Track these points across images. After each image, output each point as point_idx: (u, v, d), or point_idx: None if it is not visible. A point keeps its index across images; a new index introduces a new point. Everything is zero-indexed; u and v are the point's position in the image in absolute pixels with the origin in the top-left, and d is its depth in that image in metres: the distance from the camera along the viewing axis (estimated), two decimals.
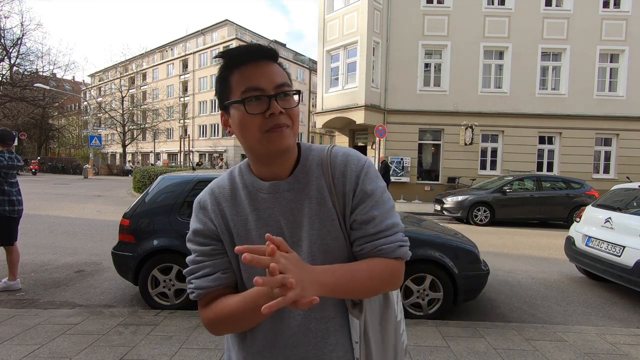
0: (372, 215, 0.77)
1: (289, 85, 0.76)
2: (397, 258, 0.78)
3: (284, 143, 0.73)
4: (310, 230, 0.77)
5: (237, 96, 0.74)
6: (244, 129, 0.75)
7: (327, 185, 0.79)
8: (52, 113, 38.10)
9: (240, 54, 0.74)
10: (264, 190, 0.80)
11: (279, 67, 0.77)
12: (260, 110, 0.72)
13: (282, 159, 0.78)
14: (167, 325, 3.03)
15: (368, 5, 13.88)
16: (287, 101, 0.75)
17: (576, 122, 15.00)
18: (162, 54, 49.24)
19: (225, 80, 0.76)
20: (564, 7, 15.00)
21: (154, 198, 3.67)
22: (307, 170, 0.81)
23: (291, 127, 0.75)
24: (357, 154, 0.83)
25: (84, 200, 12.46)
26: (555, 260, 6.07)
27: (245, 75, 0.73)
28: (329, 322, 0.78)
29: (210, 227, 0.81)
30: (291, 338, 0.77)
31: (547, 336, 3.06)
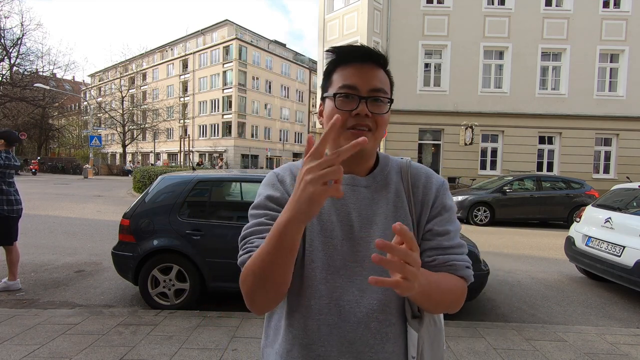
0: (447, 229, 0.78)
1: (386, 93, 0.77)
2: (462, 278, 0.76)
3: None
4: (384, 230, 0.77)
5: (334, 90, 0.77)
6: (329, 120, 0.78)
7: (406, 191, 0.81)
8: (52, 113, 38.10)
9: (349, 53, 0.78)
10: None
11: (383, 74, 0.79)
12: (348, 108, 0.75)
13: (358, 159, 0.79)
14: (167, 325, 3.03)
15: (368, 5, 13.88)
16: (377, 106, 0.76)
17: (576, 122, 15.00)
18: (162, 54, 49.25)
19: (329, 74, 0.80)
20: (564, 7, 15.00)
21: (154, 198, 3.66)
22: (386, 174, 0.83)
23: (373, 132, 0.76)
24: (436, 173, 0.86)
25: (84, 200, 12.46)
26: (555, 260, 6.07)
27: (347, 73, 0.76)
28: (390, 328, 0.76)
29: (286, 198, 0.78)
30: (349, 334, 0.74)
31: (547, 336, 3.06)
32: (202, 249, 3.43)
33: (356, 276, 0.74)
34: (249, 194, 4.45)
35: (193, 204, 3.70)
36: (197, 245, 3.43)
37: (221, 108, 40.94)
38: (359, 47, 0.77)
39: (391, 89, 0.82)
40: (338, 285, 0.74)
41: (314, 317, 0.75)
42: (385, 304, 0.75)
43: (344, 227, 0.77)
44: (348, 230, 0.76)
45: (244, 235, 0.76)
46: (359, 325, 0.74)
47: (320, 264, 0.75)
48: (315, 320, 0.74)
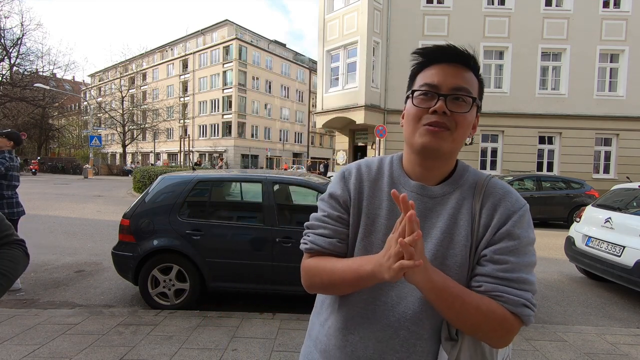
0: (506, 259, 0.71)
1: (469, 92, 0.74)
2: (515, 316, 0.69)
3: (437, 143, 0.73)
4: (437, 245, 0.74)
5: (415, 87, 0.76)
6: (407, 120, 0.77)
7: (473, 209, 0.76)
8: (52, 113, 38.09)
9: (435, 52, 0.76)
10: (408, 187, 0.79)
11: (471, 75, 0.76)
12: (425, 105, 0.74)
13: (433, 161, 0.77)
14: (167, 325, 3.03)
15: (368, 5, 13.88)
16: (458, 105, 0.74)
17: (576, 122, 15.00)
18: (162, 54, 49.25)
19: (414, 75, 0.79)
20: (564, 7, 14.99)
21: (154, 198, 3.66)
22: (458, 186, 0.79)
23: (452, 132, 0.73)
24: (518, 194, 0.78)
25: (84, 200, 12.46)
26: (555, 260, 6.07)
27: (430, 73, 0.75)
28: (419, 341, 0.74)
29: (346, 196, 0.82)
30: (379, 333, 0.76)
31: (547, 336, 3.06)
32: (202, 249, 3.42)
33: (399, 282, 0.74)
34: (249, 194, 4.46)
35: (193, 204, 3.70)
36: (197, 245, 3.42)
37: (221, 108, 40.94)
38: (447, 46, 0.75)
39: (481, 93, 0.79)
40: (380, 286, 0.76)
41: (353, 307, 0.79)
42: (418, 317, 0.74)
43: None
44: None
45: (308, 225, 0.86)
46: (389, 329, 0.75)
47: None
48: (353, 310, 0.79)
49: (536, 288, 0.72)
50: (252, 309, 3.59)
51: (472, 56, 0.76)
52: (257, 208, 3.64)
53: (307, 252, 0.83)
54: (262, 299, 3.93)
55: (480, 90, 0.79)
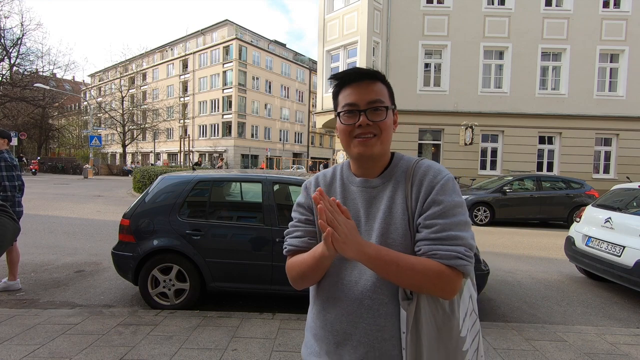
0: (435, 222, 0.85)
1: (382, 102, 0.91)
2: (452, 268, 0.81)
3: (368, 150, 0.91)
4: (381, 223, 0.90)
5: (339, 109, 0.93)
6: (341, 135, 0.94)
7: (406, 189, 0.91)
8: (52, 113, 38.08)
9: (346, 77, 0.93)
10: (354, 184, 0.98)
11: (380, 85, 0.93)
12: (351, 122, 0.91)
13: (370, 162, 0.94)
14: (167, 325, 3.03)
15: (368, 5, 13.88)
16: (376, 114, 0.90)
17: (576, 122, 15.00)
18: (162, 54, 49.23)
19: (336, 96, 0.96)
20: (564, 7, 14.99)
21: (154, 198, 3.66)
22: (393, 174, 0.95)
23: (378, 136, 0.91)
24: (440, 167, 0.93)
25: (84, 200, 12.46)
26: (555, 260, 6.07)
27: (347, 93, 0.92)
28: (381, 306, 0.88)
29: (308, 202, 1.01)
30: (349, 307, 0.91)
31: (547, 336, 3.06)
32: (202, 249, 3.42)
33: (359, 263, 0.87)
34: (249, 194, 4.45)
35: (193, 204, 3.70)
36: (197, 245, 3.42)
37: (221, 108, 40.93)
38: (354, 69, 0.92)
39: (392, 96, 0.96)
40: (344, 268, 0.93)
41: (325, 291, 0.96)
42: (377, 286, 0.88)
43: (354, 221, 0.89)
44: (357, 224, 0.90)
45: (285, 232, 1.03)
46: (355, 301, 0.90)
47: None
48: (326, 293, 0.96)
49: (470, 242, 0.84)
50: (252, 309, 3.59)
51: (375, 71, 0.93)
52: (257, 208, 3.64)
53: (287, 254, 1.00)
54: (262, 299, 3.93)
55: (390, 94, 0.95)
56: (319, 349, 0.97)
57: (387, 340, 0.87)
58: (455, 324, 0.87)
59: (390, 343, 0.87)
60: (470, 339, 0.93)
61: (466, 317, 0.91)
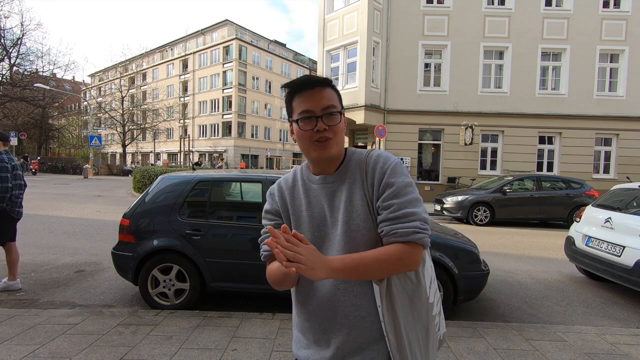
0: (391, 202, 0.93)
1: (335, 107, 0.98)
2: (412, 243, 0.90)
3: (328, 152, 0.98)
4: (344, 213, 0.98)
5: (296, 116, 0.99)
6: (300, 140, 1.00)
7: (361, 179, 0.99)
8: (52, 113, 38.06)
9: (299, 84, 0.99)
10: (314, 182, 1.05)
11: (330, 90, 0.99)
12: (310, 127, 0.97)
13: (328, 162, 1.01)
14: (167, 325, 3.03)
15: (368, 5, 13.88)
16: (331, 119, 0.97)
17: (576, 122, 15.00)
18: (162, 54, 49.22)
19: (289, 103, 1.02)
20: (564, 7, 14.99)
21: (154, 198, 3.66)
22: (348, 168, 1.02)
23: (334, 139, 0.98)
24: (388, 154, 1.02)
25: (84, 200, 12.46)
26: (555, 260, 6.07)
27: (301, 100, 0.98)
28: (355, 287, 0.96)
29: (275, 207, 1.09)
30: (327, 293, 0.98)
31: (547, 336, 3.06)
32: (202, 249, 3.43)
33: (327, 251, 0.98)
34: (249, 194, 4.45)
35: (193, 204, 3.70)
36: (197, 246, 3.42)
37: (221, 108, 40.92)
38: (305, 77, 0.98)
39: (340, 100, 1.02)
40: None
41: (303, 286, 1.03)
42: None
43: (320, 217, 1.02)
44: (323, 219, 1.01)
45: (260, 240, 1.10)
46: (332, 288, 0.97)
47: None
48: (305, 287, 1.03)
49: (424, 216, 0.93)
50: (252, 309, 3.59)
51: (325, 78, 1.00)
52: (257, 208, 3.64)
53: (265, 260, 1.07)
54: (262, 299, 3.93)
55: (339, 98, 1.02)
56: (307, 340, 1.04)
57: (365, 317, 0.95)
58: (423, 291, 0.99)
59: (368, 319, 0.95)
60: (436, 303, 1.06)
61: (431, 283, 1.04)
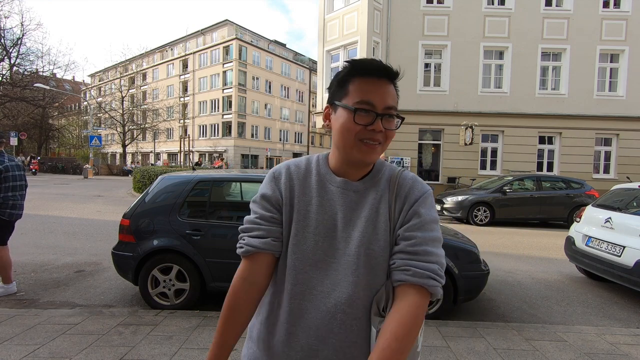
0: (414, 234, 0.81)
1: (396, 109, 0.84)
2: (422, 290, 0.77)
3: (371, 157, 0.83)
4: (362, 232, 0.83)
5: (351, 103, 0.81)
6: (345, 131, 0.82)
7: (390, 199, 0.86)
8: (52, 113, 38.05)
9: (366, 66, 0.82)
10: (334, 184, 0.88)
11: (394, 88, 0.84)
12: (365, 123, 0.80)
13: (358, 168, 0.87)
14: (167, 325, 3.03)
15: (368, 5, 13.88)
16: (389, 122, 0.83)
17: (576, 122, 15.00)
18: (162, 54, 49.21)
19: (344, 83, 0.83)
20: (564, 7, 14.99)
21: (154, 198, 3.66)
22: (377, 180, 0.89)
23: (382, 145, 0.83)
24: (423, 182, 0.90)
25: (84, 200, 12.46)
26: (555, 260, 6.07)
27: (364, 87, 0.81)
28: (355, 321, 0.82)
29: (277, 196, 0.88)
30: (318, 320, 0.82)
31: (547, 336, 3.06)
32: (202, 249, 3.42)
33: (331, 270, 0.83)
34: (249, 194, 4.45)
35: (193, 204, 3.70)
36: (197, 245, 3.42)
37: (221, 108, 40.92)
38: (377, 62, 0.81)
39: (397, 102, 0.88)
40: (314, 277, 0.83)
41: (291, 300, 0.84)
42: (352, 299, 0.81)
43: (329, 226, 0.84)
44: (332, 229, 0.84)
45: (242, 229, 0.88)
46: (327, 314, 0.82)
47: (301, 256, 0.84)
48: (292, 304, 0.84)
49: (443, 261, 0.81)
50: None
51: (398, 72, 0.84)
52: None
53: (243, 255, 0.87)
54: None
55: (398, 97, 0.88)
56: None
57: (357, 357, 0.82)
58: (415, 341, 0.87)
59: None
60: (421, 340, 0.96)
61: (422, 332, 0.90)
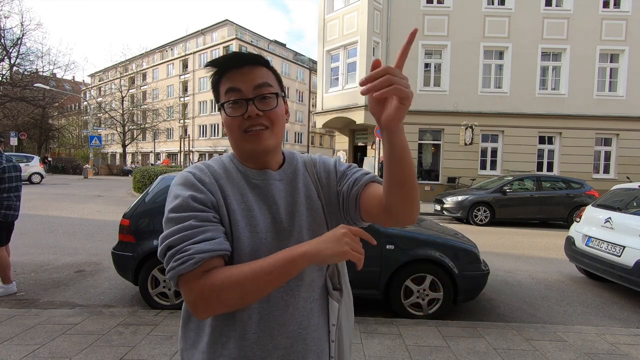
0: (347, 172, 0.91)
1: (270, 86, 0.79)
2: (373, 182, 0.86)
3: (261, 144, 0.79)
4: (300, 218, 0.83)
5: (222, 99, 0.79)
6: (228, 129, 0.80)
7: (313, 180, 0.89)
8: (52, 113, 38.01)
9: (225, 61, 0.79)
10: (256, 177, 0.83)
11: (264, 70, 0.81)
12: (239, 113, 0.77)
13: (265, 158, 0.83)
14: (167, 325, 3.03)
15: (368, 5, 13.88)
16: (266, 103, 0.78)
17: (576, 122, 15.00)
18: (162, 54, 49.21)
19: (216, 86, 0.82)
20: (564, 7, 14.99)
21: (154, 198, 3.66)
22: (294, 167, 0.89)
23: (270, 129, 0.79)
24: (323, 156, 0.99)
25: (84, 200, 12.45)
26: (555, 260, 6.07)
27: (229, 79, 0.79)
28: (314, 303, 0.83)
29: (210, 197, 0.76)
30: (280, 317, 0.78)
31: (547, 336, 3.06)
32: None
33: None
34: None
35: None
36: None
37: None
38: (233, 54, 0.79)
39: (280, 82, 0.85)
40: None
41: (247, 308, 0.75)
42: (309, 283, 0.81)
43: (270, 219, 0.80)
44: (272, 221, 0.80)
45: (173, 242, 0.70)
46: (288, 308, 0.78)
47: (247, 256, 0.75)
48: (246, 310, 0.76)
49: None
50: None
51: (257, 55, 0.81)
52: None
53: (196, 266, 0.67)
54: None
55: (277, 79, 0.84)
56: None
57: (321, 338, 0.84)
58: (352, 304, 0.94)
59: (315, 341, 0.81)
60: None
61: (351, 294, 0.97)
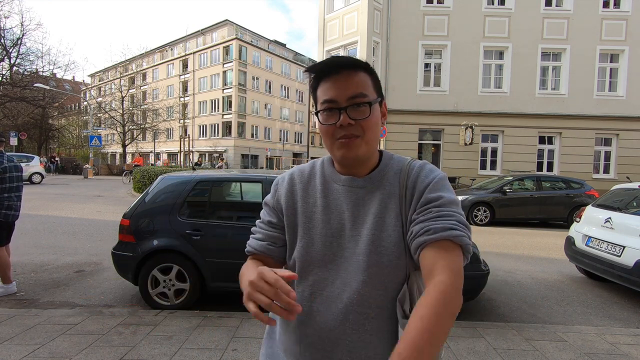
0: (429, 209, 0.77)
1: (364, 96, 0.79)
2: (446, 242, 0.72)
3: (353, 152, 0.81)
4: (372, 229, 0.80)
5: (318, 106, 0.83)
6: (323, 136, 0.85)
7: (400, 193, 0.82)
8: (52, 113, 38.00)
9: (322, 68, 0.81)
10: (338, 182, 0.87)
11: (363, 75, 0.81)
12: (332, 122, 0.80)
13: (356, 163, 0.84)
14: (167, 325, 3.03)
15: (368, 5, 13.88)
16: (360, 112, 0.79)
17: (576, 122, 15.00)
18: (162, 54, 49.21)
19: (315, 91, 0.84)
20: (564, 7, 14.99)
21: (154, 198, 3.66)
22: (384, 175, 0.85)
23: (362, 137, 0.80)
24: (433, 167, 0.85)
25: (84, 200, 12.45)
26: (555, 260, 6.07)
27: (325, 88, 0.81)
28: (367, 320, 0.80)
29: (274, 202, 0.92)
30: (330, 322, 0.81)
31: (547, 336, 3.06)
32: (202, 249, 3.43)
33: (342, 271, 0.81)
34: (249, 194, 4.45)
35: (193, 204, 3.70)
36: (197, 245, 3.42)
37: (221, 108, 40.93)
38: (331, 59, 0.80)
39: (377, 86, 0.84)
40: (325, 277, 0.83)
41: (303, 303, 0.83)
42: (364, 299, 0.79)
43: (336, 226, 0.83)
44: (340, 228, 0.83)
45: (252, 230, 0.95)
46: (339, 315, 0.80)
47: (309, 258, 0.84)
48: (304, 307, 0.82)
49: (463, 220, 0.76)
50: None
51: (355, 59, 0.81)
52: (257, 208, 3.63)
53: (247, 254, 0.91)
54: None
55: (375, 84, 0.83)
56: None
57: (371, 358, 0.80)
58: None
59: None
60: None
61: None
